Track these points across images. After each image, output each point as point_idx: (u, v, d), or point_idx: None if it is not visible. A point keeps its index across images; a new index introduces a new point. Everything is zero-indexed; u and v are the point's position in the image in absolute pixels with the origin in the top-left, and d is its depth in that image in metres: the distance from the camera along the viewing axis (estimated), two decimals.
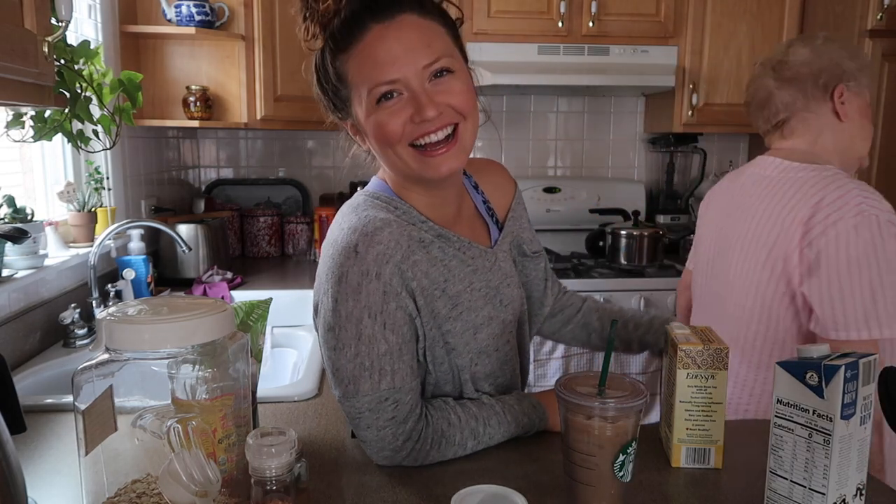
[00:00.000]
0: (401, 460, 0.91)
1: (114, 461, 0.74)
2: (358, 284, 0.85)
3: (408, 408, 0.89)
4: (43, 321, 1.58)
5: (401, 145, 0.88)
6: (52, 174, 1.92)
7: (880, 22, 2.33)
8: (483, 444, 0.95)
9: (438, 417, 0.92)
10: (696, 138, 2.92)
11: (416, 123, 0.86)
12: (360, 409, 0.88)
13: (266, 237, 2.78)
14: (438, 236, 0.95)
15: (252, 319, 0.96)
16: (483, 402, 0.97)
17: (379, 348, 0.86)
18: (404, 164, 0.90)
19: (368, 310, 0.86)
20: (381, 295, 0.86)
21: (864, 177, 2.43)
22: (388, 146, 0.89)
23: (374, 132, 0.88)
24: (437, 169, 0.89)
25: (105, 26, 2.02)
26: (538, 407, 0.99)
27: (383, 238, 0.86)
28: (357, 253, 0.86)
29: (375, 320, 0.86)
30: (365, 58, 0.85)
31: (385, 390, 0.87)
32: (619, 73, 2.57)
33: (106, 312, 0.73)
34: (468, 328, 0.95)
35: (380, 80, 0.85)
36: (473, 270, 0.97)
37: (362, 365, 0.86)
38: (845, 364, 0.70)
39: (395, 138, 0.87)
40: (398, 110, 0.86)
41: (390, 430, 0.88)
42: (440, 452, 0.92)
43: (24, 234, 1.38)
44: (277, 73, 2.36)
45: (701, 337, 0.92)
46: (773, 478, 0.78)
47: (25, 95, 0.97)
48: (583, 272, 2.46)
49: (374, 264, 0.85)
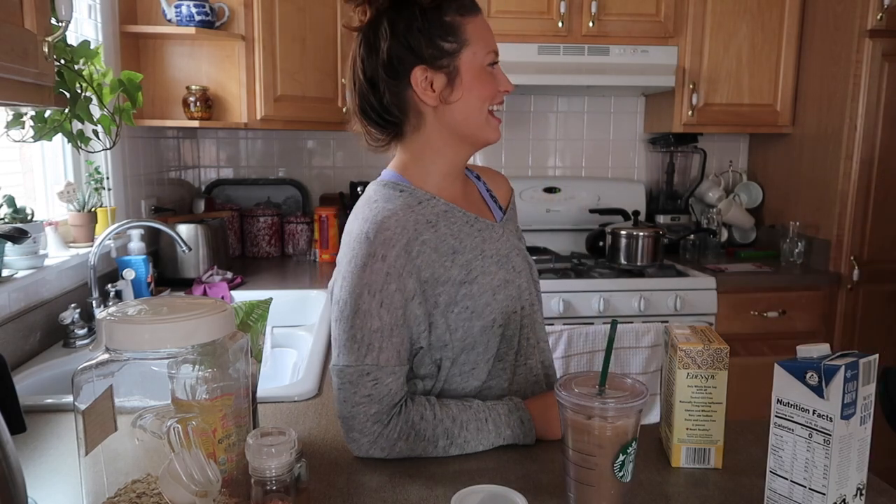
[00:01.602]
0: (368, 446, 0.93)
1: (114, 461, 0.74)
2: (364, 264, 0.94)
3: (385, 390, 0.93)
4: (43, 321, 1.58)
5: (487, 105, 1.02)
6: (52, 174, 1.92)
7: (880, 22, 2.33)
8: (457, 448, 0.95)
9: (413, 410, 0.94)
10: (696, 138, 2.92)
11: (500, 92, 1.03)
12: (343, 379, 0.93)
13: (266, 237, 2.78)
14: (445, 212, 1.02)
15: (252, 319, 0.96)
16: (469, 405, 0.98)
17: (372, 324, 0.93)
18: (480, 122, 1.03)
19: (369, 287, 0.93)
20: (383, 275, 0.93)
21: (864, 177, 2.43)
22: (480, 101, 1.01)
23: (480, 85, 1.01)
24: (496, 134, 1.05)
25: (105, 26, 2.02)
26: (526, 424, 0.99)
27: (390, 224, 0.96)
28: (368, 238, 0.95)
29: (374, 297, 0.93)
30: (483, 27, 1.02)
31: (368, 365, 0.92)
32: (619, 73, 2.57)
33: (106, 312, 0.73)
34: (486, 290, 1.01)
35: (494, 48, 1.03)
36: (483, 240, 1.04)
37: (353, 337, 0.93)
38: (845, 364, 0.70)
39: (489, 95, 1.02)
40: (493, 79, 1.03)
41: (363, 407, 0.92)
42: (409, 446, 0.93)
43: (24, 234, 1.38)
44: (277, 73, 2.36)
45: (701, 337, 0.92)
46: (773, 478, 0.78)
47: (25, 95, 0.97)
48: (583, 272, 2.46)
49: (382, 247, 0.94)
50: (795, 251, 2.63)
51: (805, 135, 2.68)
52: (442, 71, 0.99)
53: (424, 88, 0.99)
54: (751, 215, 2.96)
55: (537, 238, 2.89)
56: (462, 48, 1.00)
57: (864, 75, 2.37)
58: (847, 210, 2.46)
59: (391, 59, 0.98)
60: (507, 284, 1.04)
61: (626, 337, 2.18)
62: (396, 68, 0.98)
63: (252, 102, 2.33)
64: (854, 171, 2.44)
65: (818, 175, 2.60)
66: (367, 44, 0.99)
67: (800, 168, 2.71)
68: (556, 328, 2.16)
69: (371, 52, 0.99)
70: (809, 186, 2.66)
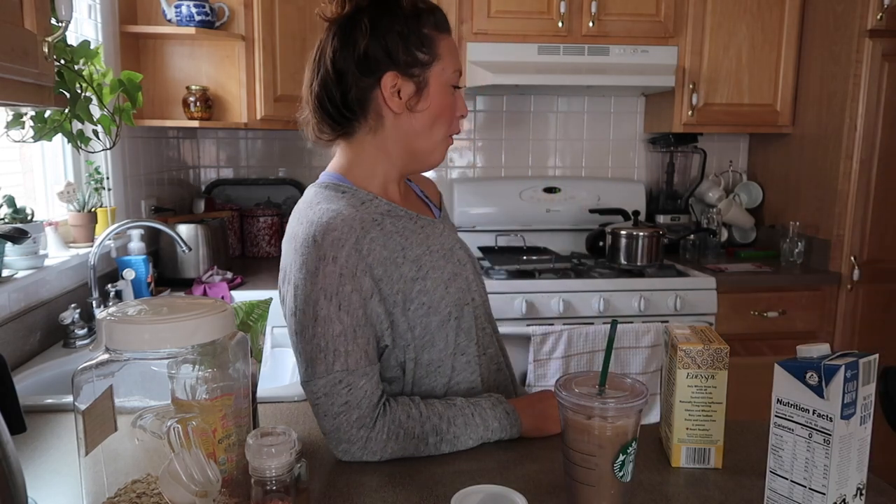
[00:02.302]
0: (358, 452, 0.93)
1: (114, 461, 0.74)
2: (315, 269, 0.92)
3: (361, 392, 0.92)
4: (43, 321, 1.58)
5: (444, 126, 1.04)
6: (52, 174, 1.92)
7: (880, 22, 2.33)
8: (449, 444, 0.96)
9: (398, 410, 0.94)
10: (696, 138, 2.92)
11: (457, 117, 1.05)
12: (318, 393, 0.92)
13: (266, 237, 2.78)
14: (388, 212, 1.02)
15: (252, 319, 0.96)
16: (453, 402, 0.98)
17: (333, 329, 0.91)
18: (436, 138, 1.04)
19: (324, 292, 0.91)
20: (336, 277, 0.92)
21: (864, 177, 2.43)
22: (438, 120, 1.03)
23: (448, 104, 1.03)
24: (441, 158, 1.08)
25: (105, 26, 2.02)
26: (511, 415, 1.00)
27: (337, 224, 0.94)
28: (315, 241, 0.93)
29: (331, 301, 0.91)
30: (453, 48, 1.04)
31: (339, 371, 0.91)
32: (619, 73, 2.57)
33: (106, 312, 0.73)
34: (438, 284, 1.01)
35: (460, 69, 1.05)
36: (427, 236, 1.04)
37: (318, 346, 0.92)
38: (845, 364, 0.70)
39: (449, 117, 1.04)
40: (456, 101, 1.05)
41: (344, 416, 0.91)
42: (399, 445, 0.93)
43: (24, 235, 1.38)
44: (277, 73, 2.36)
45: (701, 337, 0.92)
46: (773, 478, 0.78)
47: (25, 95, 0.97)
48: (583, 272, 2.46)
49: (331, 248, 0.92)
50: (795, 251, 2.63)
51: (805, 135, 2.68)
52: (412, 80, 1.00)
53: (392, 94, 0.99)
54: (751, 215, 2.96)
55: (537, 238, 2.89)
56: (434, 61, 1.01)
57: (864, 75, 2.37)
58: (847, 210, 2.46)
59: (366, 56, 0.98)
60: (456, 277, 1.05)
61: (626, 337, 2.18)
62: (369, 67, 0.98)
63: (252, 102, 2.33)
64: (854, 171, 2.44)
65: (818, 175, 2.60)
66: (342, 36, 0.99)
67: (800, 168, 2.71)
68: (556, 328, 2.16)
69: (346, 45, 0.98)
70: (809, 186, 2.66)
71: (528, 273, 2.42)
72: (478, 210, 2.83)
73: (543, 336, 2.13)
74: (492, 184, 2.89)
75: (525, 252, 2.67)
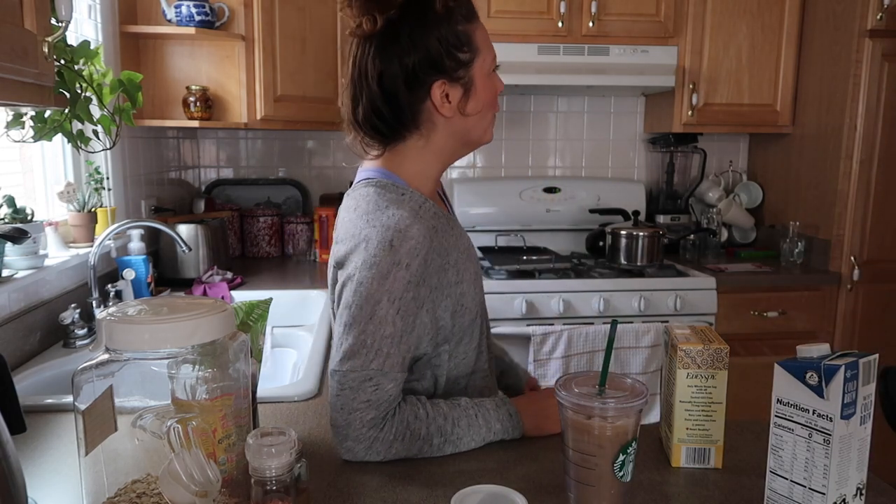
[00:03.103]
0: (364, 452, 0.92)
1: (114, 461, 0.74)
2: (387, 272, 0.93)
3: (385, 395, 0.92)
4: (43, 321, 1.58)
5: (493, 108, 1.05)
6: (52, 174, 1.92)
7: (880, 22, 2.33)
8: (451, 445, 0.96)
9: (406, 410, 0.94)
10: (696, 138, 2.92)
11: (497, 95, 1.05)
12: (344, 384, 0.92)
13: (266, 237, 2.78)
14: (434, 214, 1.02)
15: (252, 319, 0.96)
16: (458, 403, 0.99)
17: (385, 330, 0.92)
18: (484, 127, 1.05)
19: (389, 294, 0.92)
20: (404, 284, 0.93)
21: (864, 177, 2.43)
22: (489, 108, 1.04)
23: (492, 92, 1.04)
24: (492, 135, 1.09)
25: (105, 26, 2.02)
26: (514, 417, 1.01)
27: (414, 234, 0.95)
28: (392, 247, 0.93)
29: (392, 304, 0.92)
30: (485, 33, 1.03)
31: (373, 370, 0.91)
32: (619, 73, 2.57)
33: (106, 312, 0.73)
34: (470, 285, 1.04)
35: (493, 52, 1.03)
36: (456, 237, 1.05)
37: (364, 342, 0.92)
38: (845, 364, 0.70)
39: (494, 99, 1.05)
40: (495, 83, 1.04)
41: (360, 413, 0.91)
42: (405, 446, 0.93)
43: (24, 235, 1.38)
44: (277, 73, 2.36)
45: (701, 337, 0.92)
46: (773, 478, 0.78)
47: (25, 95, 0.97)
48: (583, 272, 2.46)
49: (407, 256, 0.93)
50: (795, 251, 2.63)
51: (805, 135, 2.68)
52: (459, 83, 0.99)
53: (442, 101, 0.99)
54: (751, 215, 2.96)
55: (537, 238, 2.89)
56: (475, 57, 1.00)
57: (864, 75, 2.37)
58: (847, 210, 2.46)
59: (414, 72, 0.96)
60: (477, 276, 1.08)
61: (626, 337, 2.18)
62: (418, 80, 0.97)
63: (252, 102, 2.33)
64: (854, 171, 2.44)
65: (818, 175, 2.60)
66: (383, 53, 0.96)
67: (800, 168, 2.71)
68: (556, 328, 2.16)
69: (389, 62, 0.96)
70: (809, 186, 2.66)
71: (528, 273, 2.42)
72: (478, 210, 2.83)
73: (543, 336, 2.13)
74: (492, 184, 2.89)
75: (525, 252, 2.67)
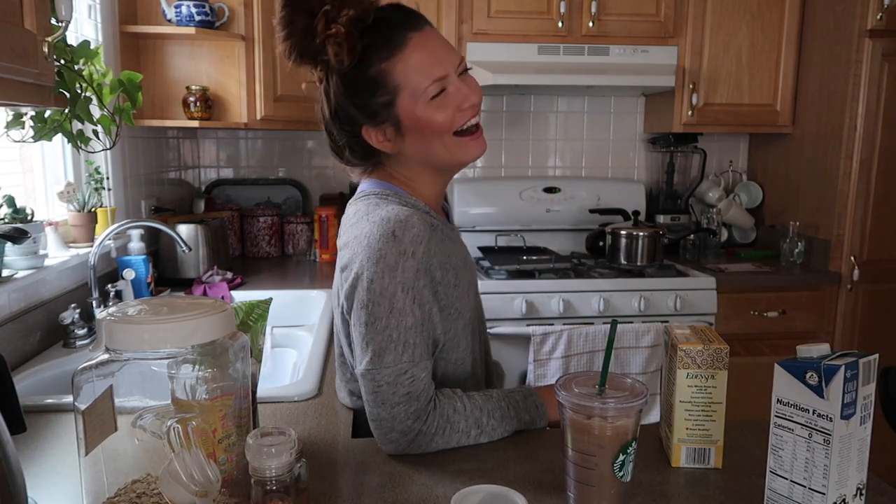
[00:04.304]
0: (406, 445, 0.93)
1: (114, 461, 0.74)
2: (395, 263, 0.93)
3: (422, 385, 0.94)
4: (43, 321, 1.58)
5: (447, 135, 0.99)
6: (52, 174, 1.92)
7: (880, 22, 2.33)
8: (486, 436, 0.98)
9: (445, 403, 0.96)
10: (696, 138, 2.92)
11: (463, 110, 0.98)
12: (381, 381, 0.92)
13: (266, 237, 2.78)
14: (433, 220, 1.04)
15: (252, 319, 0.96)
16: (491, 395, 1.01)
17: (406, 321, 0.93)
18: (448, 151, 1.01)
19: (402, 285, 0.93)
20: (414, 272, 0.94)
21: (864, 177, 2.43)
22: (437, 137, 0.99)
23: (428, 125, 0.98)
24: (476, 150, 1.02)
25: (105, 26, 2.02)
26: (540, 408, 1.04)
27: (415, 222, 0.96)
28: (395, 237, 0.94)
29: (407, 294, 0.94)
30: (415, 60, 0.96)
31: (406, 363, 0.92)
32: (619, 73, 2.57)
33: (106, 312, 0.73)
34: (466, 292, 1.05)
35: (433, 76, 0.96)
36: (456, 246, 1.08)
37: (390, 337, 0.93)
38: (845, 364, 0.70)
39: (445, 128, 0.98)
40: (445, 104, 0.98)
41: (403, 406, 0.92)
42: (444, 439, 0.95)
43: (24, 235, 1.38)
44: (277, 73, 2.36)
45: (701, 337, 0.92)
46: (773, 478, 0.78)
47: (25, 95, 0.97)
48: (583, 272, 2.46)
49: (411, 244, 0.94)
50: (795, 251, 2.63)
51: (805, 135, 2.68)
52: (385, 124, 0.99)
53: (380, 141, 1.01)
54: (751, 215, 2.96)
55: (537, 238, 2.89)
56: (396, 97, 0.97)
57: (864, 75, 2.37)
58: (847, 210, 2.46)
59: (343, 118, 1.00)
60: (472, 284, 1.10)
61: (626, 337, 2.18)
62: (350, 124, 1.01)
63: (252, 102, 2.33)
64: (854, 171, 2.44)
65: (818, 175, 2.60)
66: (324, 101, 1.01)
67: (800, 168, 2.71)
68: (556, 328, 2.16)
69: (326, 109, 1.01)
70: (809, 186, 2.66)
71: (528, 273, 2.42)
72: (478, 210, 2.83)
73: (543, 336, 2.13)
74: (492, 184, 2.89)
75: (525, 252, 2.67)
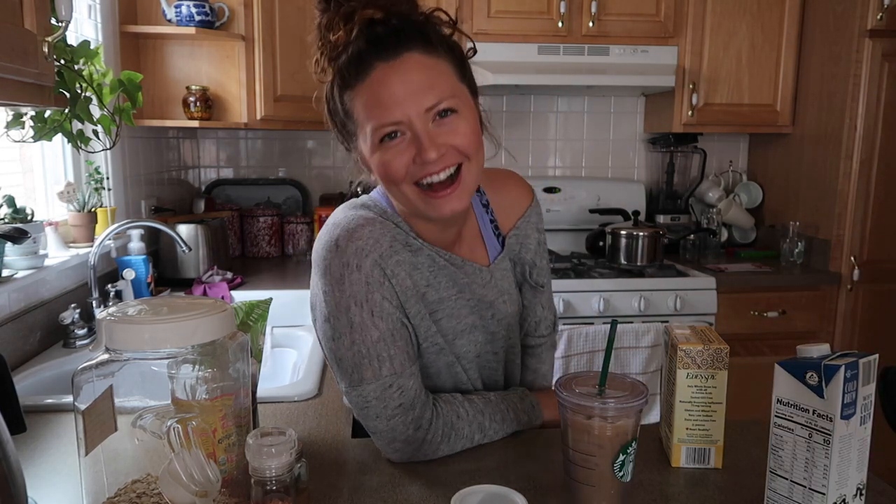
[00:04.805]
0: (412, 453, 0.92)
1: (114, 461, 0.74)
2: (340, 276, 0.89)
3: (412, 393, 0.91)
4: (43, 321, 1.58)
5: (405, 184, 0.88)
6: (52, 174, 1.92)
7: (880, 22, 2.33)
8: (487, 439, 0.98)
9: (448, 410, 0.95)
10: (696, 138, 2.92)
11: (419, 164, 0.85)
12: (367, 397, 0.90)
13: (266, 237, 2.78)
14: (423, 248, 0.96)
15: (252, 319, 0.96)
16: (489, 398, 1.00)
17: (371, 335, 0.89)
18: (408, 201, 0.90)
19: (353, 298, 0.88)
20: (363, 285, 0.89)
21: (864, 177, 2.43)
22: (392, 184, 0.89)
23: (378, 170, 0.88)
24: (440, 210, 0.88)
25: (105, 26, 2.02)
26: (536, 407, 1.04)
27: (363, 234, 0.89)
28: (338, 247, 0.89)
29: (362, 308, 0.89)
30: (369, 97, 0.85)
31: (387, 377, 0.89)
32: (619, 73, 2.57)
33: (106, 312, 0.73)
34: (448, 332, 0.98)
35: (383, 120, 0.84)
36: (467, 284, 0.99)
37: (360, 353, 0.89)
38: (845, 364, 0.70)
39: (399, 177, 0.87)
40: (402, 150, 0.86)
41: (400, 418, 0.90)
42: (449, 446, 0.94)
43: (24, 235, 1.38)
44: (277, 73, 2.36)
45: (701, 337, 0.92)
46: (773, 478, 0.78)
47: (25, 95, 0.97)
48: (583, 272, 2.46)
49: (354, 257, 0.88)
50: (795, 251, 2.63)
51: (805, 135, 2.68)
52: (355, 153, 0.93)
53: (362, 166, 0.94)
54: (751, 215, 2.96)
55: None
56: (357, 130, 0.89)
57: (864, 75, 2.37)
58: (847, 210, 2.46)
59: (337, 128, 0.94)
60: (474, 330, 0.99)
61: (626, 337, 2.18)
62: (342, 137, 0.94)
63: (252, 102, 2.33)
64: (854, 171, 2.44)
65: (818, 175, 2.60)
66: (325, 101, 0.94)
67: (800, 168, 2.71)
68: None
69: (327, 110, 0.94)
70: (809, 186, 2.66)
71: None
72: None
73: None
74: None
75: None
